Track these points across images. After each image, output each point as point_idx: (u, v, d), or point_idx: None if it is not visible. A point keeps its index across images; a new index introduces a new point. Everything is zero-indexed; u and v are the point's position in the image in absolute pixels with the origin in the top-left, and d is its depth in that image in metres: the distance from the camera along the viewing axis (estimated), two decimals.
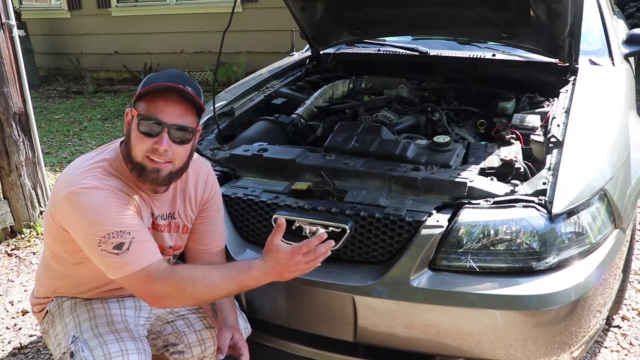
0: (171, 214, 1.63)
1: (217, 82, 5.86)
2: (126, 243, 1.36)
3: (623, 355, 2.22)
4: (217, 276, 1.42)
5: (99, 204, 1.38)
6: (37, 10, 8.96)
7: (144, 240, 1.40)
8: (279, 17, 5.45)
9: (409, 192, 1.79)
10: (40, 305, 1.68)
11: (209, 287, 1.41)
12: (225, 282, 1.43)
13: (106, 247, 1.36)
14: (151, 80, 1.45)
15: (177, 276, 1.40)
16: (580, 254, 1.63)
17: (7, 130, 3.32)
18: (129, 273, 1.36)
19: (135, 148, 1.44)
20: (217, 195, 1.74)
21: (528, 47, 2.66)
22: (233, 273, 1.44)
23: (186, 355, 1.70)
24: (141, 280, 1.38)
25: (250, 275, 1.43)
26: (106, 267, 1.39)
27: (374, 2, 2.74)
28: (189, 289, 1.40)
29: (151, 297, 1.41)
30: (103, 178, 1.43)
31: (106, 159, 1.48)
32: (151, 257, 1.39)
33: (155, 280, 1.37)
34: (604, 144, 1.93)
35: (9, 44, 3.30)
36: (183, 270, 1.43)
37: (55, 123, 6.23)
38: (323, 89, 2.83)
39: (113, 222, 1.37)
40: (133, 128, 1.44)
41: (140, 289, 1.40)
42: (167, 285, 1.38)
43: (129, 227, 1.38)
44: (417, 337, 1.64)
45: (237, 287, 1.47)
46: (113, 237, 1.35)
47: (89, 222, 1.37)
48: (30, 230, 3.52)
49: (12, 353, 2.46)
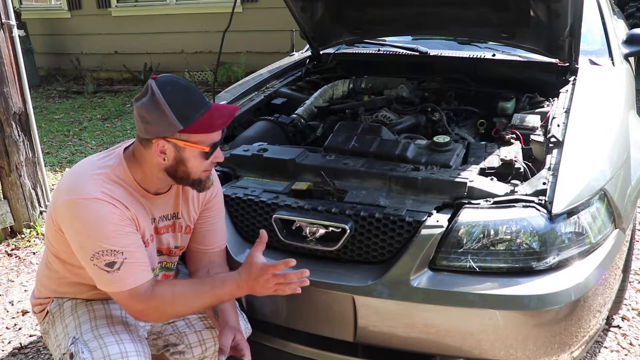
0: (175, 214, 1.63)
1: (217, 82, 5.86)
2: (117, 263, 1.40)
3: (623, 355, 2.22)
4: (194, 293, 1.50)
5: (97, 218, 1.39)
6: (37, 10, 8.96)
7: (136, 262, 1.43)
8: (279, 17, 5.46)
9: (409, 192, 1.79)
10: (40, 306, 1.68)
11: (187, 305, 1.50)
12: (201, 298, 1.50)
13: (98, 262, 1.40)
14: (186, 105, 1.41)
15: (157, 298, 1.46)
16: (580, 254, 1.63)
17: (7, 130, 3.33)
18: (115, 291, 1.44)
19: (195, 170, 1.48)
20: (219, 195, 1.75)
21: (528, 47, 2.66)
22: (208, 289, 1.51)
23: (187, 355, 1.70)
24: (125, 299, 1.45)
25: (224, 290, 1.51)
26: (95, 278, 1.45)
27: (374, 2, 2.74)
28: (169, 309, 1.49)
29: (133, 314, 1.49)
30: (105, 186, 1.43)
31: (109, 166, 1.48)
32: (139, 279, 1.44)
33: (138, 302, 1.45)
34: (604, 144, 1.94)
35: (9, 44, 3.30)
36: (163, 290, 1.48)
37: (55, 123, 6.24)
38: (323, 89, 2.83)
39: (110, 239, 1.39)
40: (189, 157, 1.45)
41: (123, 305, 1.49)
42: (148, 306, 1.46)
43: (123, 247, 1.41)
44: (417, 337, 1.64)
45: (214, 301, 1.55)
46: (106, 255, 1.39)
47: (86, 234, 1.40)
48: (30, 230, 3.52)
49: (12, 353, 2.46)
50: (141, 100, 1.41)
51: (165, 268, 1.69)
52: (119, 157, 1.51)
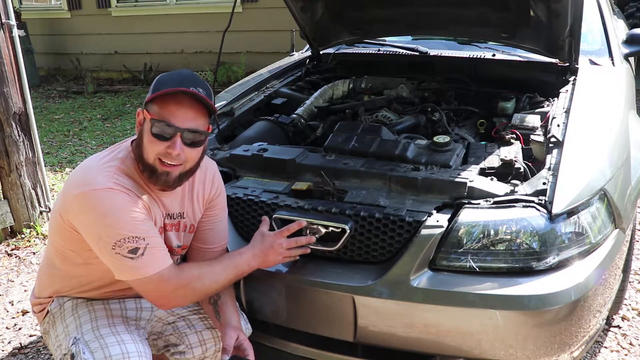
0: (181, 214, 1.63)
1: (217, 82, 5.87)
2: (141, 249, 1.40)
3: (623, 355, 2.22)
4: (217, 267, 1.56)
5: (114, 207, 1.40)
6: (37, 10, 8.96)
7: (157, 246, 1.45)
8: (279, 17, 5.45)
9: (409, 192, 1.79)
10: (40, 305, 1.68)
11: (213, 280, 1.54)
12: (225, 271, 1.56)
13: (121, 250, 1.39)
14: (163, 82, 1.44)
15: (186, 276, 1.49)
16: (580, 254, 1.63)
17: (7, 130, 3.33)
18: (143, 277, 1.42)
19: (147, 150, 1.45)
20: (222, 194, 1.75)
21: (528, 47, 2.66)
22: (228, 261, 1.58)
23: (187, 355, 1.70)
24: (154, 284, 1.44)
25: (242, 258, 1.59)
26: (118, 268, 1.43)
27: (374, 2, 2.74)
28: (198, 286, 1.51)
29: (162, 299, 1.48)
30: (116, 178, 1.44)
31: (118, 158, 1.49)
32: (164, 262, 1.45)
33: (168, 283, 1.45)
34: (604, 144, 1.93)
35: (9, 44, 3.30)
36: (190, 269, 1.53)
37: (55, 123, 6.24)
38: (323, 89, 2.83)
39: (129, 226, 1.40)
40: (145, 130, 1.45)
41: (152, 291, 1.46)
42: (179, 285, 1.47)
43: (143, 233, 1.41)
44: (417, 337, 1.64)
45: (234, 274, 1.59)
46: (129, 242, 1.39)
47: (105, 224, 1.39)
48: (30, 230, 3.52)
49: (12, 353, 2.46)
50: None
51: None
52: (127, 149, 1.52)
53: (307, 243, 1.66)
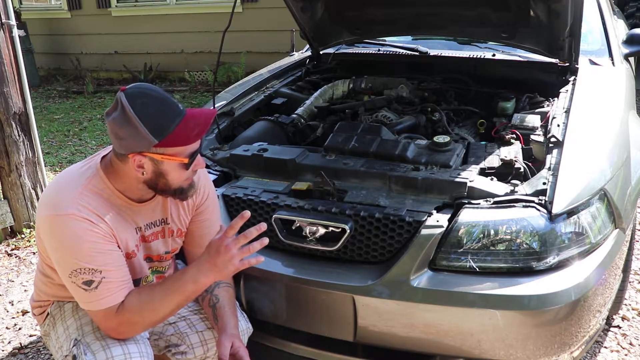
0: (163, 220, 1.61)
1: (217, 82, 5.86)
2: (95, 282, 1.39)
3: (623, 355, 2.22)
4: (156, 295, 1.43)
5: (75, 236, 1.37)
6: (37, 10, 8.95)
7: (113, 280, 1.41)
8: (279, 17, 5.45)
9: (409, 192, 1.79)
10: (40, 308, 1.67)
11: (155, 311, 1.43)
12: (165, 298, 1.42)
13: (76, 280, 1.39)
14: (161, 123, 1.35)
15: (126, 311, 1.42)
16: (580, 254, 1.63)
17: (7, 130, 3.33)
18: (92, 310, 1.43)
19: (175, 181, 1.45)
20: (211, 198, 1.72)
21: (528, 47, 2.66)
22: (168, 284, 1.44)
23: (188, 355, 1.69)
24: (100, 318, 1.45)
25: (185, 278, 1.43)
26: (74, 294, 1.45)
27: (374, 2, 2.74)
28: (138, 319, 1.44)
29: (110, 332, 1.47)
30: (83, 199, 1.40)
31: (87, 177, 1.46)
32: (115, 299, 1.42)
33: (112, 320, 1.43)
34: (604, 144, 1.94)
35: (9, 44, 3.30)
36: (130, 301, 1.43)
37: (55, 123, 6.24)
38: (323, 89, 2.82)
39: (87, 257, 1.38)
40: (168, 168, 1.41)
41: (101, 323, 1.47)
42: (120, 322, 1.43)
43: (101, 266, 1.39)
44: (417, 337, 1.64)
45: (181, 297, 1.44)
46: (84, 273, 1.38)
47: (64, 252, 1.39)
48: (30, 230, 3.52)
49: (12, 353, 2.46)
50: (112, 115, 1.37)
51: (157, 272, 1.69)
52: (95, 168, 1.48)
53: (258, 233, 1.41)
